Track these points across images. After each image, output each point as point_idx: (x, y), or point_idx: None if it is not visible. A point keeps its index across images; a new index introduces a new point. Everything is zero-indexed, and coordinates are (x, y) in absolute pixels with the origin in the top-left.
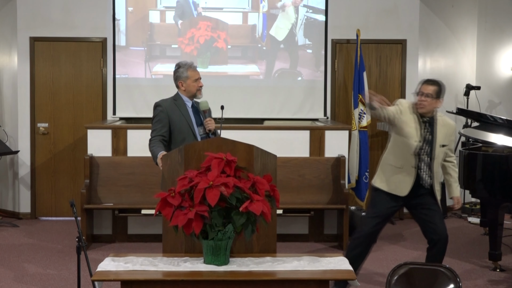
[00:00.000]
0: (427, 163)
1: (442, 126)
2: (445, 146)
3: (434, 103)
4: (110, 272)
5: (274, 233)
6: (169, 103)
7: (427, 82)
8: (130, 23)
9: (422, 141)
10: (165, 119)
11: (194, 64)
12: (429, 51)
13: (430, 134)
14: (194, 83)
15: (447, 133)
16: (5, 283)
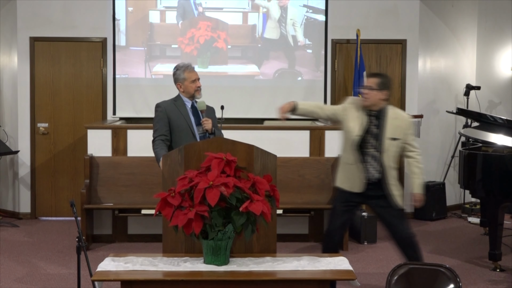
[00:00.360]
0: (375, 157)
1: (393, 119)
2: (397, 139)
3: (377, 95)
4: (110, 272)
5: (274, 233)
6: (169, 104)
7: (370, 75)
8: (130, 23)
9: (365, 134)
10: (165, 119)
11: (191, 66)
12: (429, 51)
13: (377, 127)
14: (192, 84)
15: (399, 126)
16: (5, 283)
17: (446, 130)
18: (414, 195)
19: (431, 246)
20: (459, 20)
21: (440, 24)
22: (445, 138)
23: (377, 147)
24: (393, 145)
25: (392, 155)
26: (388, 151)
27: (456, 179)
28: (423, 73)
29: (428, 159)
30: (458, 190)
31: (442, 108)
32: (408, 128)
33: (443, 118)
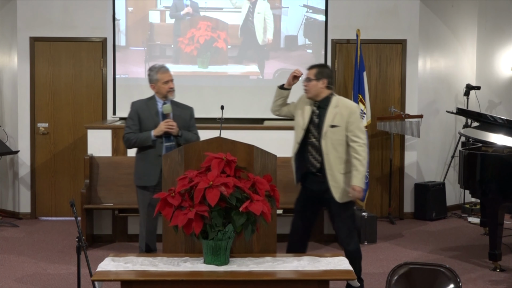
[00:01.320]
0: (315, 146)
1: (335, 107)
2: (336, 126)
3: (317, 85)
4: (110, 272)
5: (274, 233)
6: (142, 103)
7: (308, 67)
8: (130, 23)
9: (309, 124)
10: (135, 118)
11: (165, 67)
12: (429, 51)
13: (318, 117)
14: (164, 85)
15: (339, 113)
16: (5, 283)
17: (446, 130)
18: (352, 186)
19: (431, 246)
20: (459, 20)
21: (440, 24)
22: (445, 138)
23: (317, 137)
24: (333, 132)
25: (332, 142)
26: (327, 138)
27: (456, 179)
28: (423, 73)
29: (428, 159)
30: (458, 190)
31: (442, 108)
32: (350, 116)
33: (443, 118)
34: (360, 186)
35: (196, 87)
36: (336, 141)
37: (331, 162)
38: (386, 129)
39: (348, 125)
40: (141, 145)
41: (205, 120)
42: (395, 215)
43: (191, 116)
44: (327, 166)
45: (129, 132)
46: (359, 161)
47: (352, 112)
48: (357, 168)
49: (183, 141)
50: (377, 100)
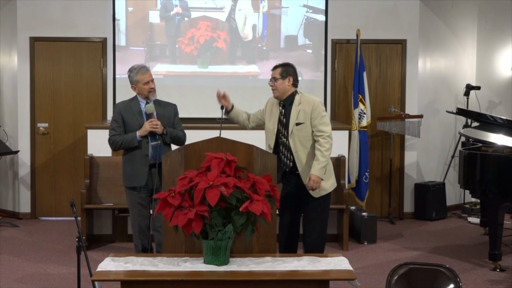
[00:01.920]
0: (286, 146)
1: (298, 105)
2: (301, 123)
3: (283, 83)
4: (110, 272)
5: (274, 233)
6: (125, 104)
7: (272, 68)
8: (130, 23)
9: (278, 125)
10: (119, 120)
11: (145, 68)
12: (429, 51)
13: (285, 116)
14: (145, 86)
15: (302, 110)
16: (5, 283)
17: (446, 130)
18: (309, 175)
19: (431, 246)
20: (459, 20)
21: (440, 24)
22: (445, 138)
23: (286, 136)
24: (299, 130)
25: (299, 140)
26: (294, 136)
27: (456, 179)
28: (423, 73)
29: (428, 159)
30: (458, 190)
31: (442, 108)
32: (313, 111)
33: (443, 118)
34: (318, 176)
35: (196, 87)
36: (304, 138)
37: (301, 159)
38: (386, 129)
39: (312, 121)
40: (127, 146)
41: (205, 120)
42: (395, 215)
43: (175, 113)
44: (298, 164)
45: (114, 135)
46: (321, 152)
47: (315, 107)
48: (317, 158)
49: (169, 139)
50: (377, 100)
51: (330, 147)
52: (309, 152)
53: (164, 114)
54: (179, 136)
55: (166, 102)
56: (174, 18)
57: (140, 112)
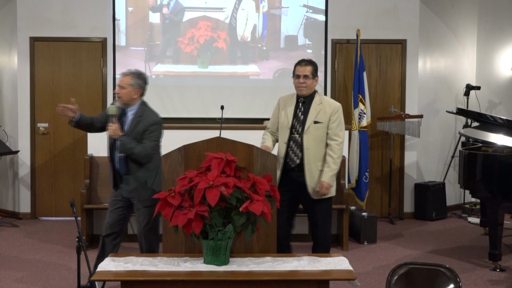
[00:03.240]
0: (297, 142)
1: (318, 104)
2: (319, 122)
3: (313, 83)
4: (110, 272)
5: (274, 233)
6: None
7: (302, 63)
8: (130, 23)
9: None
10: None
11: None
12: (429, 51)
13: (303, 113)
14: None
15: (322, 110)
16: (5, 283)
17: (446, 130)
18: (320, 181)
19: (431, 246)
20: (459, 20)
21: (440, 24)
22: (445, 138)
23: (300, 132)
24: (316, 128)
25: (314, 138)
26: (309, 133)
27: (456, 179)
28: (423, 73)
29: (428, 159)
30: (458, 190)
31: (442, 108)
32: (333, 114)
33: (443, 118)
34: (329, 183)
35: (196, 87)
36: (318, 137)
37: (310, 157)
38: (386, 129)
39: (329, 123)
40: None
41: (205, 120)
42: (395, 215)
43: (146, 129)
44: (306, 161)
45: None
46: (333, 158)
47: (336, 110)
48: (329, 165)
49: (122, 148)
50: (377, 100)
51: (341, 154)
52: (318, 152)
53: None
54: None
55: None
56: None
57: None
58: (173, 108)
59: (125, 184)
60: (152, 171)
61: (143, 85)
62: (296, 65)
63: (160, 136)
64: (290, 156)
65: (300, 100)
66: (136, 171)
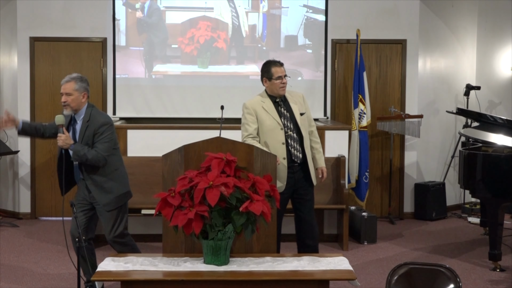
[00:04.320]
0: (295, 139)
1: (291, 97)
2: (303, 113)
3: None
4: (110, 272)
5: (274, 233)
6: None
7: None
8: (130, 23)
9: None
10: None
11: (68, 77)
12: (429, 51)
13: (287, 110)
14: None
15: (297, 101)
16: (5, 283)
17: (446, 130)
18: (321, 169)
19: (431, 246)
20: (459, 20)
21: (440, 24)
22: (445, 138)
23: (293, 129)
24: (303, 120)
25: (304, 129)
26: (302, 126)
27: (456, 179)
28: (423, 73)
29: (428, 159)
30: (458, 190)
31: (442, 108)
32: (304, 102)
33: (443, 118)
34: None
35: (196, 87)
36: (306, 127)
37: (307, 148)
38: (386, 129)
39: (307, 111)
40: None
41: (205, 120)
42: (395, 215)
43: (95, 132)
44: (307, 154)
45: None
46: (319, 144)
47: (304, 98)
48: (319, 150)
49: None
50: (377, 100)
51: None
52: (309, 141)
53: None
54: (88, 156)
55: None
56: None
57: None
58: (173, 108)
59: (83, 190)
60: (109, 174)
61: (87, 87)
62: (272, 66)
63: (112, 137)
64: (294, 154)
65: (276, 99)
66: (92, 176)
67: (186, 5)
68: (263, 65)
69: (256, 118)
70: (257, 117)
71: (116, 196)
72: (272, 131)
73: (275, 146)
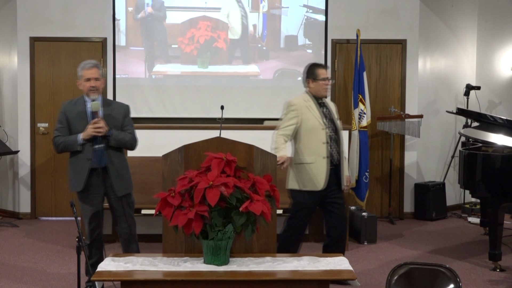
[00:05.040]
0: (334, 138)
1: (329, 103)
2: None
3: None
4: (110, 272)
5: (274, 233)
6: (69, 103)
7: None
8: (130, 23)
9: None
10: (64, 120)
11: (91, 63)
12: (429, 51)
13: (328, 112)
14: (86, 83)
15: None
16: (5, 283)
17: (446, 130)
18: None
19: (431, 246)
20: (459, 20)
21: (440, 24)
22: (445, 138)
23: (333, 130)
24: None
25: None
26: (340, 129)
27: (456, 179)
28: (423, 73)
29: (428, 159)
30: (458, 190)
31: (442, 108)
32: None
33: (443, 118)
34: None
35: (196, 87)
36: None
37: (343, 153)
38: (386, 129)
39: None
40: (69, 150)
41: (205, 120)
42: (395, 215)
43: (125, 115)
44: (342, 156)
45: (57, 136)
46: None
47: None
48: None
49: (114, 141)
50: (377, 100)
51: None
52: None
53: (111, 115)
54: (126, 139)
55: (118, 103)
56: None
57: (85, 112)
58: (173, 108)
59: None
60: (124, 161)
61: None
62: (319, 68)
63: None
64: (332, 155)
65: (319, 101)
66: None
67: (186, 5)
68: (307, 67)
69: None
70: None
71: (129, 183)
72: (315, 130)
73: (316, 145)
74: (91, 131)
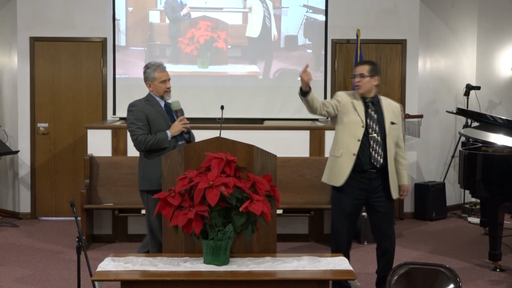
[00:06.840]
0: (378, 142)
1: (387, 105)
2: (395, 124)
3: (370, 82)
4: (110, 272)
5: (274, 233)
6: (143, 103)
7: (359, 63)
8: (130, 23)
9: (369, 120)
10: (144, 118)
11: (163, 65)
12: (429, 51)
13: (376, 113)
14: (161, 85)
15: (393, 111)
16: (5, 283)
17: (446, 130)
18: (403, 186)
19: (431, 246)
20: (459, 20)
21: (440, 24)
22: (445, 138)
23: (379, 132)
24: (393, 129)
25: (392, 139)
26: (389, 134)
27: (456, 179)
28: (423, 73)
29: (428, 159)
30: (458, 190)
31: (442, 108)
32: (399, 114)
33: (443, 118)
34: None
35: (196, 87)
36: (395, 138)
37: (392, 158)
38: None
39: (398, 123)
40: (158, 146)
41: (205, 120)
42: (395, 215)
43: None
44: (390, 162)
45: (142, 133)
46: (405, 160)
47: (399, 111)
48: (405, 167)
49: (191, 137)
50: None
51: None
52: (394, 153)
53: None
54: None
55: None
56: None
57: (163, 111)
58: None
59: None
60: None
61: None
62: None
63: None
64: (374, 157)
65: (367, 99)
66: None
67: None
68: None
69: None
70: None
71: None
72: (352, 126)
73: (349, 140)
74: (181, 127)
